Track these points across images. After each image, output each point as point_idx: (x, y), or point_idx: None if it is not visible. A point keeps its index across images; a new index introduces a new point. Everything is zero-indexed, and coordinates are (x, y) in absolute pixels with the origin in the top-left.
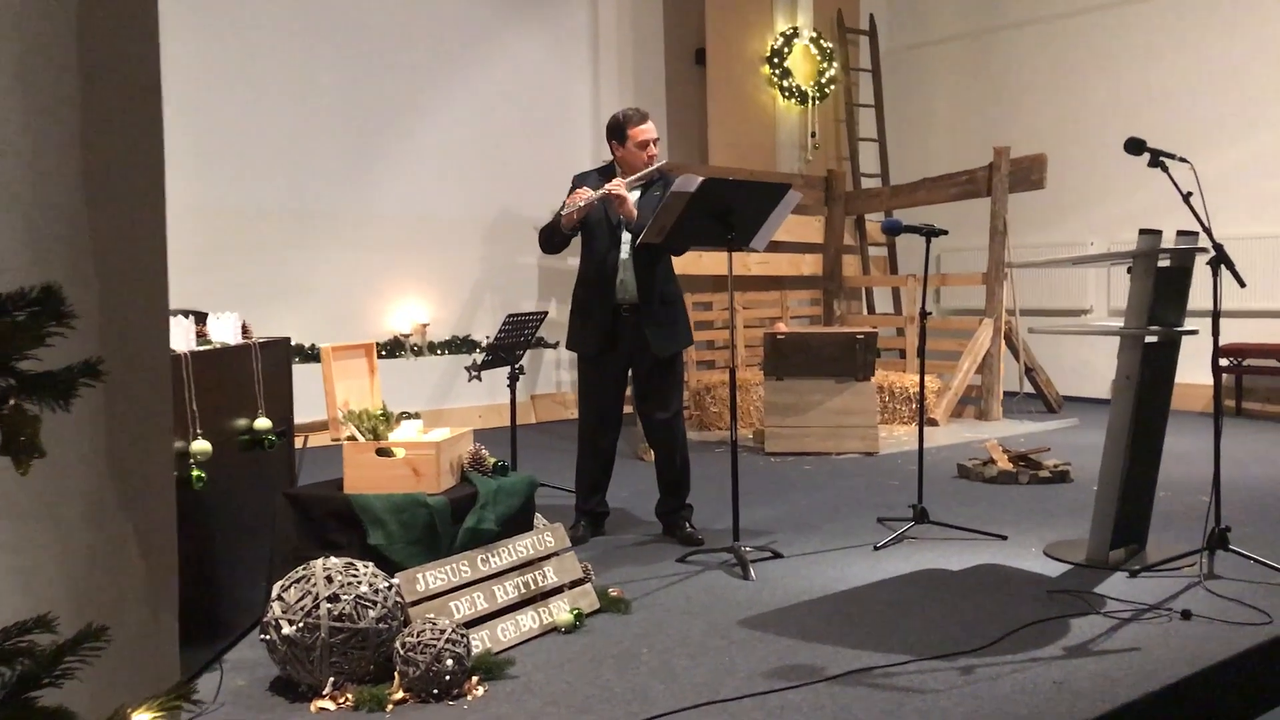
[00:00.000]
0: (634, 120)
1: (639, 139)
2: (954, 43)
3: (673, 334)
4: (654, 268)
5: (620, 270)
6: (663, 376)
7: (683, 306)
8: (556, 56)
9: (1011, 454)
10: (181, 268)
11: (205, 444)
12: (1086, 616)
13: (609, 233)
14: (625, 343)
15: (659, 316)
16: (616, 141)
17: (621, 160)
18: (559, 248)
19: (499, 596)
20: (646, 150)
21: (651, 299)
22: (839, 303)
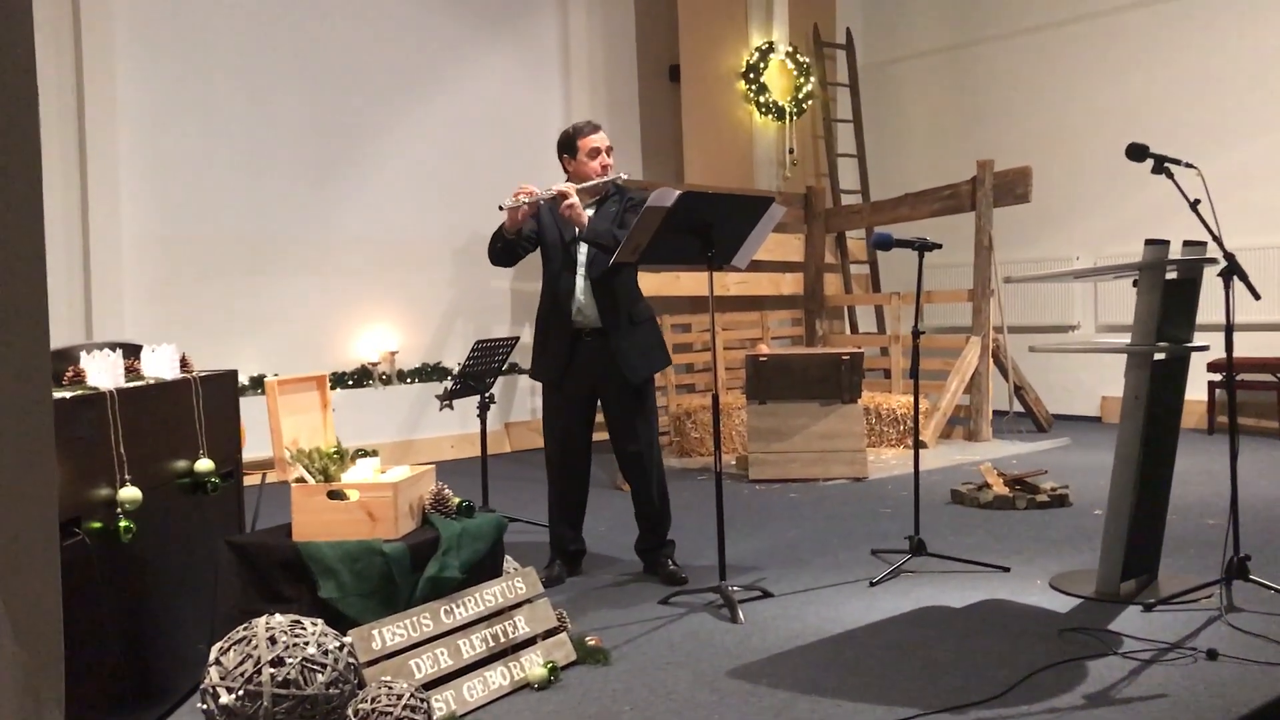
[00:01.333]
0: (583, 131)
1: (589, 147)
2: (933, 56)
3: (643, 358)
4: (614, 288)
5: (576, 293)
6: (632, 404)
7: (655, 326)
8: (527, 75)
9: (1007, 477)
10: (139, 298)
11: (134, 491)
12: (1104, 658)
13: (563, 253)
14: (588, 369)
15: (627, 339)
16: (568, 155)
17: (574, 175)
18: (506, 258)
19: (465, 652)
20: (598, 159)
21: (617, 321)
22: (821, 322)
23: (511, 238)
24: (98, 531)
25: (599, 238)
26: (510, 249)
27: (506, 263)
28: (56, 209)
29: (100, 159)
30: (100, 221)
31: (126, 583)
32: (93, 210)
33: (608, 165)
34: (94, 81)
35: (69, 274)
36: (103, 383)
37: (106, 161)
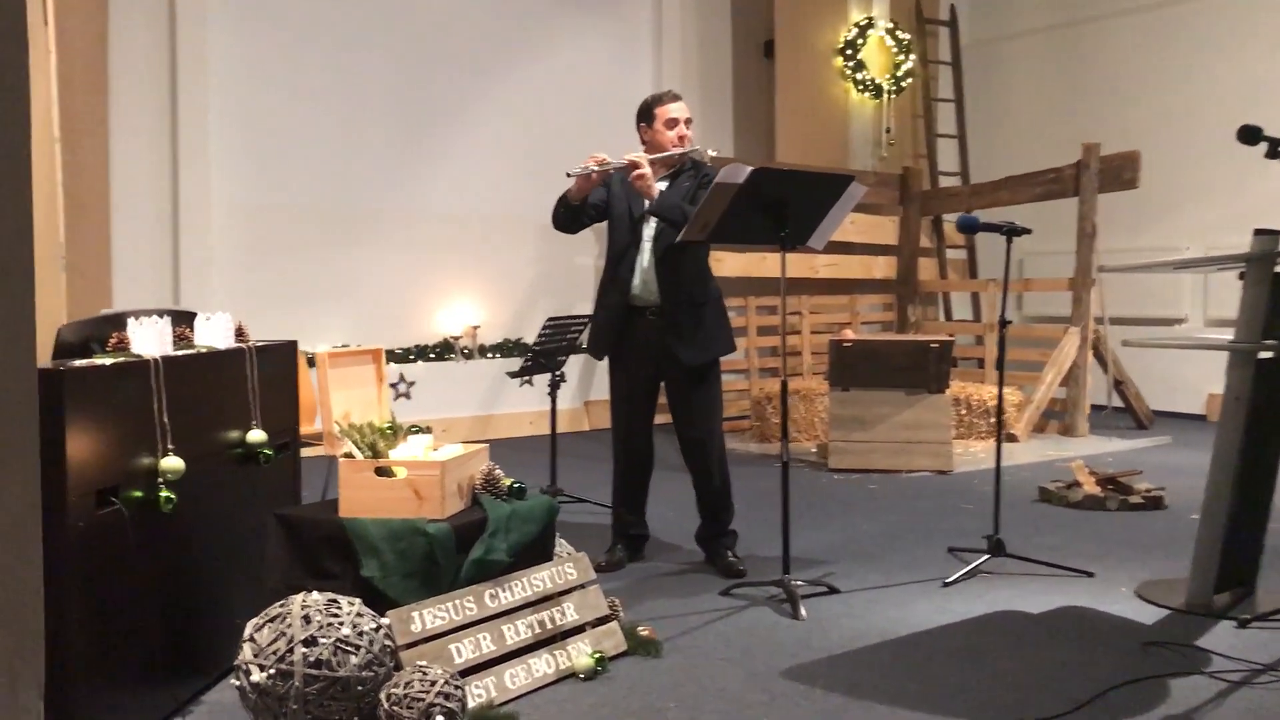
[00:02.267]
0: (663, 99)
1: (666, 116)
2: (1041, 34)
3: (703, 341)
4: (679, 266)
5: (638, 268)
6: (693, 389)
7: (719, 309)
8: (617, 51)
9: (1099, 476)
10: (226, 267)
11: (176, 460)
12: (1189, 677)
13: (629, 226)
14: (649, 349)
15: (685, 321)
16: (645, 124)
17: (649, 144)
18: (569, 224)
19: (509, 637)
20: (675, 130)
21: (677, 301)
22: (913, 308)
23: (576, 205)
24: (138, 501)
25: (667, 211)
26: (574, 215)
27: (570, 228)
28: (147, 178)
29: (191, 129)
30: (190, 190)
31: (168, 553)
32: (183, 179)
33: (685, 137)
34: (186, 51)
35: (159, 242)
36: (148, 350)
37: (197, 131)
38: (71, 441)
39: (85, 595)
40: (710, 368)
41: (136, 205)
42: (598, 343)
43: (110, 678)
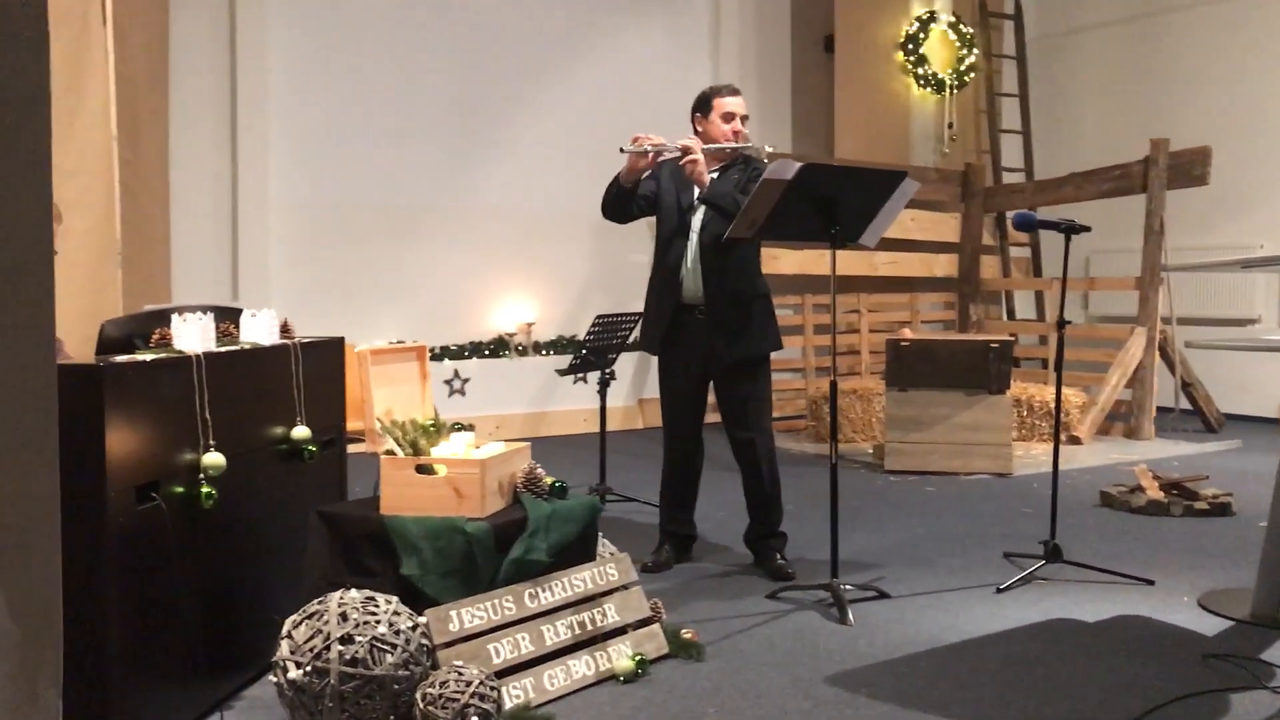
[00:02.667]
0: (721, 92)
1: (723, 110)
2: (1110, 28)
3: (749, 338)
4: (727, 260)
5: (685, 262)
6: (741, 387)
7: (766, 306)
8: (674, 44)
9: (1163, 481)
10: (284, 263)
11: (218, 456)
12: (1251, 691)
13: (678, 219)
14: (697, 345)
15: (731, 318)
16: (700, 114)
17: (703, 136)
18: (617, 211)
19: (548, 638)
20: (730, 124)
21: (722, 297)
22: (975, 307)
23: (627, 187)
24: (179, 497)
25: (718, 199)
26: (623, 201)
27: (618, 216)
28: (207, 174)
29: (250, 126)
30: (249, 187)
31: (209, 549)
32: (242, 176)
33: (739, 133)
34: (246, 50)
35: (218, 238)
36: (190, 346)
37: (256, 128)
38: (111, 437)
39: (125, 590)
40: (759, 365)
41: (196, 202)
42: (648, 337)
43: (150, 673)
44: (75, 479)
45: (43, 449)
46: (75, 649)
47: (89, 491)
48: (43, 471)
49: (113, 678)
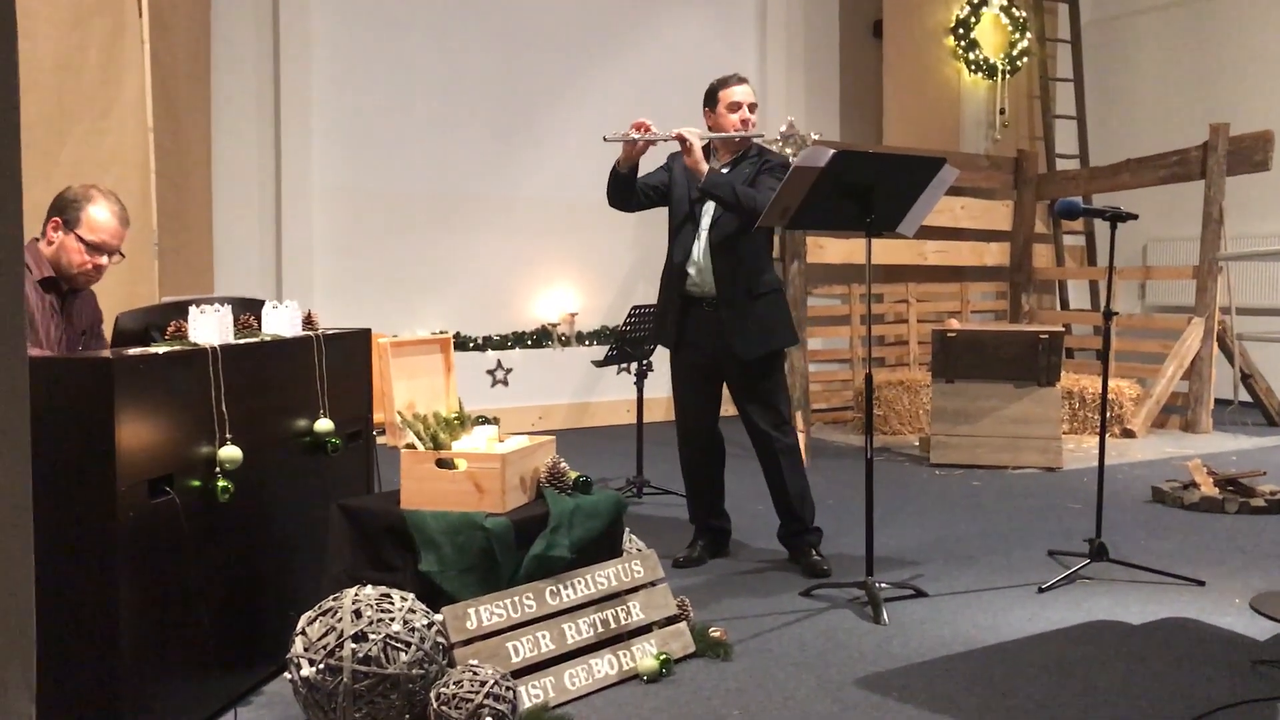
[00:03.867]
0: (726, 82)
1: (728, 101)
2: (1167, 10)
3: (760, 334)
4: (737, 255)
5: (694, 256)
6: (754, 384)
7: (778, 300)
8: (720, 32)
9: (1218, 476)
10: (327, 251)
11: (234, 450)
12: None
13: (687, 211)
14: (706, 339)
15: (741, 313)
16: (708, 108)
17: (712, 129)
18: (621, 199)
19: (569, 637)
20: (737, 114)
21: (734, 292)
22: (1028, 297)
23: (623, 173)
24: (195, 491)
25: (715, 189)
26: (621, 188)
27: (620, 204)
28: (250, 165)
29: (293, 116)
30: (292, 174)
31: (226, 543)
32: (285, 165)
33: (748, 121)
34: (289, 39)
35: (261, 225)
36: (206, 338)
37: (299, 118)
38: (121, 431)
39: (137, 584)
40: (771, 360)
41: (239, 193)
42: (660, 330)
43: (163, 667)
44: (85, 473)
45: (14, 450)
46: (87, 643)
47: (99, 485)
48: (13, 475)
49: (125, 672)
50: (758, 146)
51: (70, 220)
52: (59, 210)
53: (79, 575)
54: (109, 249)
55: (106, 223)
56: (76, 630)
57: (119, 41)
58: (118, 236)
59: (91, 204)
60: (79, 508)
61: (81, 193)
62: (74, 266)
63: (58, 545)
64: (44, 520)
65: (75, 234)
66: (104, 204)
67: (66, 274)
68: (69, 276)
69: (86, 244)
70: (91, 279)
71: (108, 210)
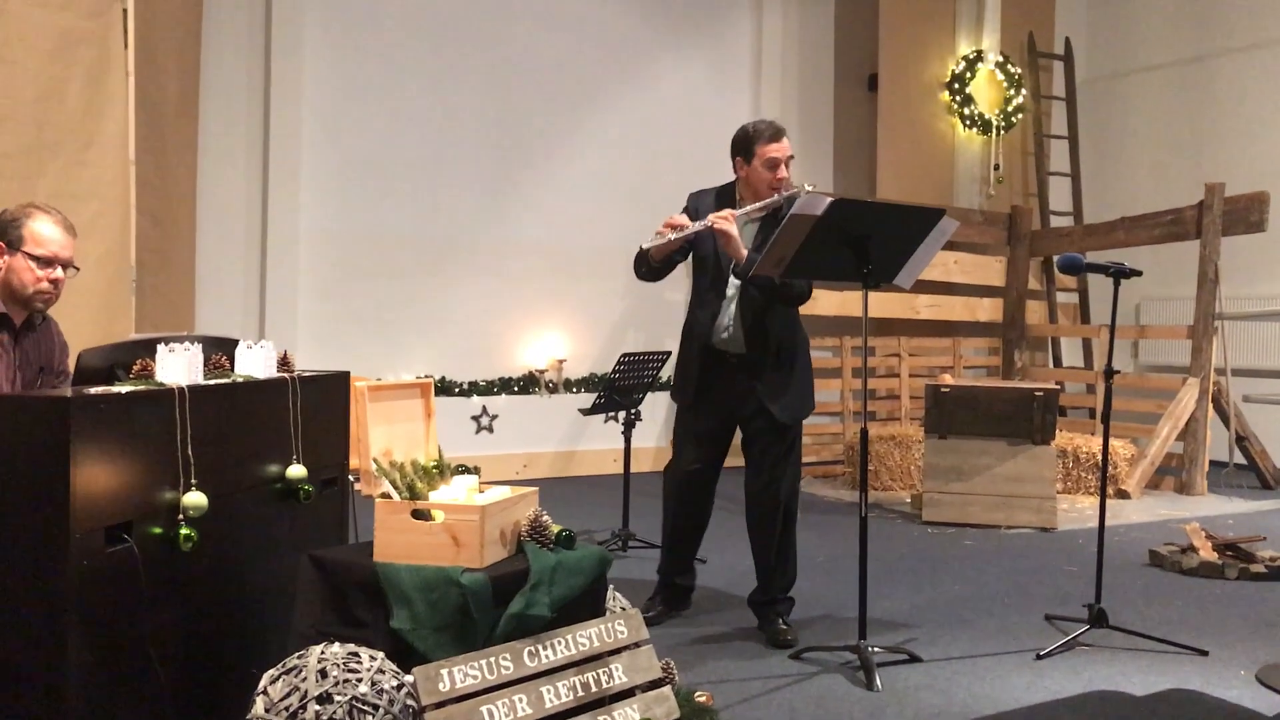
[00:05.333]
0: (764, 135)
1: (767, 157)
2: (1162, 70)
3: (796, 396)
4: (768, 314)
5: (725, 316)
6: (776, 447)
7: (807, 361)
8: (715, 81)
9: (1217, 541)
10: (312, 293)
11: (199, 496)
12: None
13: (716, 270)
14: (729, 397)
15: (775, 373)
16: (741, 158)
17: (744, 181)
18: (652, 278)
19: (547, 700)
20: (775, 172)
21: (765, 353)
22: (1020, 353)
23: (658, 265)
24: (156, 538)
25: (756, 280)
26: (654, 274)
27: (650, 280)
28: (239, 200)
29: (282, 156)
30: (279, 216)
31: (188, 594)
32: (272, 205)
33: (784, 179)
34: (280, 79)
35: (246, 264)
36: (173, 378)
37: (289, 158)
38: (77, 474)
39: (88, 640)
40: (795, 426)
41: (225, 229)
42: (684, 387)
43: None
44: (37, 517)
45: None
46: (29, 702)
47: (51, 531)
48: None
49: None
50: (790, 199)
51: (14, 240)
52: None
53: (26, 627)
54: (60, 260)
55: (52, 234)
56: (22, 686)
57: (104, 73)
58: (67, 247)
59: (32, 219)
60: (29, 555)
61: (19, 211)
62: (28, 287)
63: (4, 595)
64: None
65: (22, 252)
66: (45, 217)
67: (22, 297)
68: (25, 300)
69: (36, 259)
70: (49, 297)
71: (50, 222)
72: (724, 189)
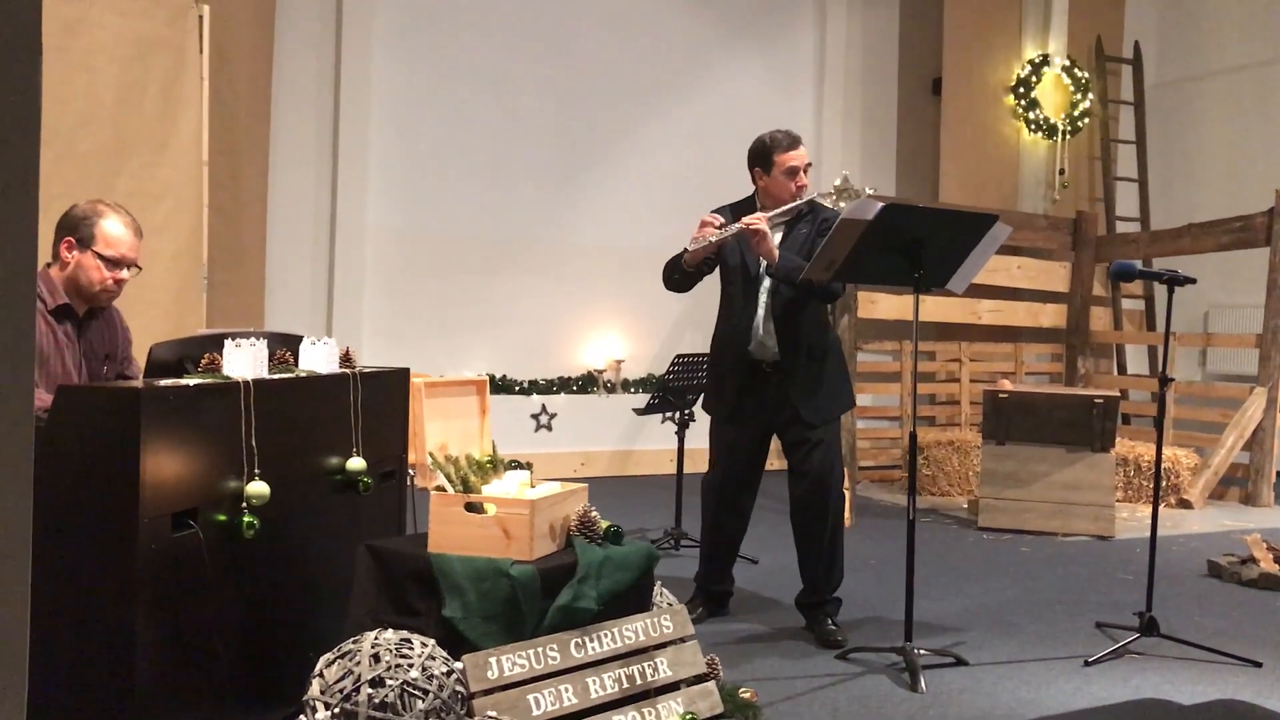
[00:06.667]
0: (782, 144)
1: (786, 165)
2: (1235, 74)
3: (826, 397)
4: (798, 318)
5: (758, 323)
6: (815, 445)
7: (839, 361)
8: (778, 83)
9: (1279, 553)
10: (378, 291)
11: (261, 486)
12: None
13: (746, 280)
14: (765, 405)
15: (807, 375)
16: (760, 169)
17: (764, 191)
18: (682, 287)
19: (593, 691)
20: (795, 180)
21: (797, 356)
22: (1084, 360)
23: (691, 271)
24: (219, 525)
25: (788, 275)
26: (687, 281)
27: (679, 290)
28: (306, 202)
29: (351, 156)
30: (347, 216)
31: (250, 579)
32: (340, 204)
33: (803, 186)
34: (350, 80)
35: (314, 263)
36: (239, 372)
37: (357, 158)
38: (147, 462)
39: (156, 619)
40: (833, 424)
41: (294, 229)
42: (719, 400)
43: (178, 705)
44: (108, 503)
45: (18, 472)
46: (102, 675)
47: (122, 516)
48: (14, 501)
49: (139, 708)
50: (811, 203)
51: (85, 238)
52: (70, 230)
53: (97, 607)
54: (128, 262)
55: (122, 236)
56: (92, 662)
57: (179, 77)
58: (134, 249)
59: (104, 219)
60: (100, 538)
61: (90, 209)
62: (94, 285)
63: (77, 576)
64: (64, 549)
65: (92, 251)
66: (116, 217)
67: (87, 294)
68: (89, 296)
69: (105, 259)
70: (112, 295)
71: (121, 223)
72: (741, 203)
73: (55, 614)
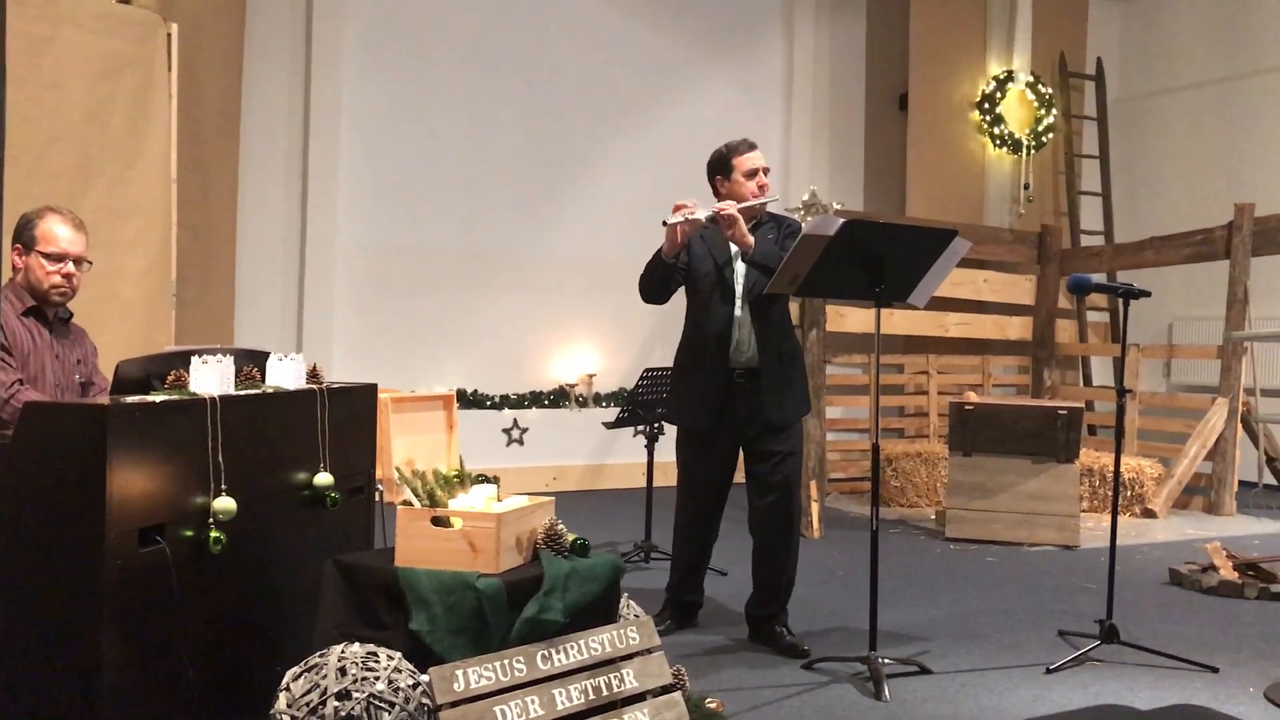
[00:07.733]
0: (739, 149)
1: (745, 167)
2: (1196, 90)
3: (792, 399)
4: (770, 320)
5: (735, 325)
6: (779, 449)
7: (802, 364)
8: (747, 101)
9: (1238, 560)
10: (348, 307)
11: (228, 501)
12: None
13: (720, 284)
14: (739, 413)
15: (778, 378)
16: (721, 176)
17: (728, 198)
18: (660, 290)
19: (559, 702)
20: (755, 180)
21: (770, 358)
22: (1050, 372)
23: (671, 261)
24: (187, 541)
25: (765, 258)
26: (668, 277)
27: (658, 295)
28: (278, 217)
29: (321, 171)
30: (317, 232)
31: (217, 595)
32: (310, 220)
33: (765, 186)
34: (320, 98)
35: (284, 279)
36: (206, 389)
37: (327, 174)
38: (113, 478)
39: (123, 635)
40: (796, 428)
41: (264, 245)
42: (695, 413)
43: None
44: (74, 519)
45: None
46: (68, 692)
47: (88, 532)
48: None
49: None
50: (769, 213)
51: (28, 241)
52: (16, 237)
53: (64, 622)
54: (70, 256)
55: (61, 231)
56: (58, 679)
57: (147, 95)
58: (75, 243)
59: (42, 220)
60: (67, 554)
61: (34, 214)
62: (44, 283)
63: (43, 591)
64: (31, 566)
65: (36, 251)
66: (54, 216)
67: (41, 295)
68: (43, 296)
69: (46, 256)
70: (65, 292)
71: (58, 220)
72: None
73: (21, 630)
